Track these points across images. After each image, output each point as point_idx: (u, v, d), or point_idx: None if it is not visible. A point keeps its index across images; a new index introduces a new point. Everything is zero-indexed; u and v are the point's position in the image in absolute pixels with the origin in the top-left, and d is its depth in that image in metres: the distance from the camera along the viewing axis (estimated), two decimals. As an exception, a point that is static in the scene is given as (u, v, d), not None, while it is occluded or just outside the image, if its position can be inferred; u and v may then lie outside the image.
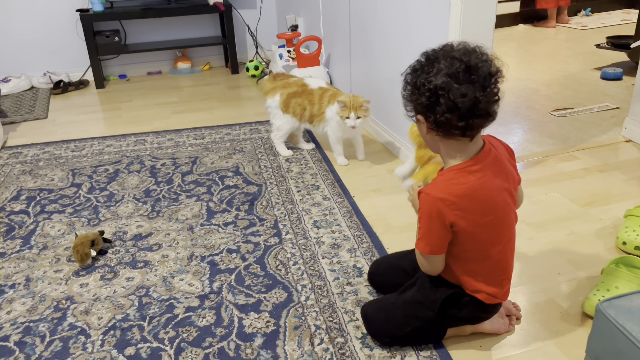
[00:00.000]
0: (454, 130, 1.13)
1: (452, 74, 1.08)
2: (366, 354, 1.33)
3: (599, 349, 0.86)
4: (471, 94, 1.08)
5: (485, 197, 1.18)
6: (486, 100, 1.10)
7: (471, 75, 1.08)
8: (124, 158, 2.56)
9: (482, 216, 1.18)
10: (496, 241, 1.23)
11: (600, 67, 3.72)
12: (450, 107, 1.09)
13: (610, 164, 2.31)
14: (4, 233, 1.95)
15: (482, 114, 1.11)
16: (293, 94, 2.40)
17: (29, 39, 3.82)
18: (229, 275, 1.66)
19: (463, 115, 1.09)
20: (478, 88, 1.08)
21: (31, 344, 1.42)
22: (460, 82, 1.08)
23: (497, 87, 1.12)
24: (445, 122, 1.11)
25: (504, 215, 1.23)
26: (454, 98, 1.08)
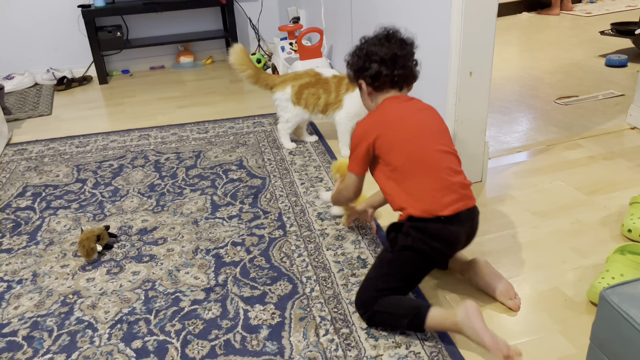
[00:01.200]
0: (385, 80, 1.49)
1: (376, 42, 1.50)
2: (371, 344, 1.34)
3: (603, 336, 0.86)
4: (390, 51, 1.47)
5: (391, 117, 1.47)
6: (403, 55, 1.48)
7: (390, 41, 1.49)
8: (128, 153, 2.57)
9: (386, 127, 1.45)
10: (400, 157, 1.42)
11: (604, 54, 3.69)
12: (377, 61, 1.47)
13: (615, 151, 2.30)
14: (10, 229, 1.97)
15: (402, 65, 1.48)
16: (306, 85, 2.39)
17: (32, 35, 3.82)
18: (234, 268, 1.67)
19: (388, 66, 1.47)
20: (395, 48, 1.48)
21: (39, 338, 1.44)
22: (382, 45, 1.48)
23: (411, 51, 1.51)
24: (376, 74, 1.48)
25: (410, 134, 1.44)
26: (379, 54, 1.47)
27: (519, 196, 1.99)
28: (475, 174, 2.09)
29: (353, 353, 1.32)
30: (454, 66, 1.89)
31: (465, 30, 1.81)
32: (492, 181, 2.11)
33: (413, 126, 1.45)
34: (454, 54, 1.87)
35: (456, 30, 1.83)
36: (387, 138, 1.43)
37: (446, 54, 1.93)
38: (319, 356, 1.31)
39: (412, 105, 1.51)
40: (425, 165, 1.41)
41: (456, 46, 1.85)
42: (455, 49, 1.86)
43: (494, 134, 2.55)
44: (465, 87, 1.91)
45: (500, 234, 1.77)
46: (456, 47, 1.85)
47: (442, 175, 1.40)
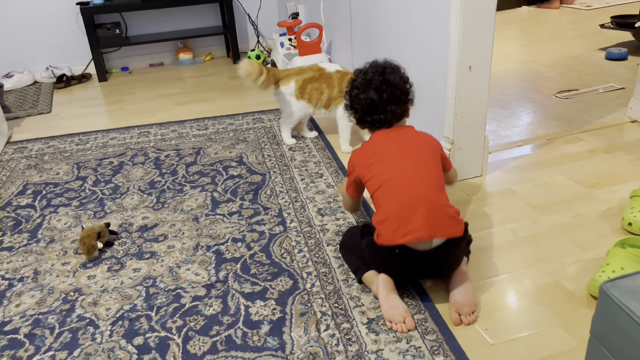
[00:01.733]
0: (366, 125, 1.60)
1: (358, 85, 1.57)
2: (372, 339, 1.34)
3: (603, 329, 0.86)
4: (369, 99, 1.53)
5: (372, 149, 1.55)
6: (383, 100, 1.52)
7: (370, 86, 1.54)
8: (128, 150, 2.57)
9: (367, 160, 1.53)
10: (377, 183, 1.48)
11: (604, 48, 3.68)
12: (357, 109, 1.58)
13: (615, 144, 2.29)
14: (11, 227, 1.97)
15: (380, 111, 1.54)
16: (309, 80, 2.39)
17: (31, 33, 3.82)
18: (235, 264, 1.67)
19: (365, 112, 1.56)
20: (375, 94, 1.52)
21: (41, 335, 1.44)
22: (363, 91, 1.54)
23: (396, 91, 1.53)
24: (359, 119, 1.60)
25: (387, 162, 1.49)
26: (360, 102, 1.55)
27: (519, 190, 1.99)
28: (475, 168, 2.09)
29: (354, 348, 1.32)
30: (453, 61, 1.88)
31: (464, 25, 1.81)
32: (492, 175, 2.11)
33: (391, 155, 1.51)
34: (454, 48, 1.87)
35: (455, 24, 1.83)
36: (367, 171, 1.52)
37: (445, 49, 1.93)
38: (320, 351, 1.32)
39: (399, 135, 1.56)
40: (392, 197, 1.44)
41: (455, 41, 1.85)
42: (454, 43, 1.86)
43: (494, 128, 2.54)
44: (464, 82, 1.90)
45: (500, 228, 1.77)
46: (455, 41, 1.85)
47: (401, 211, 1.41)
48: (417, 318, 1.40)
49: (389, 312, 1.39)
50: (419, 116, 2.25)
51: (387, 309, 1.39)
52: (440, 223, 1.39)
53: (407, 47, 2.22)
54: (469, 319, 1.38)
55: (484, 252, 1.66)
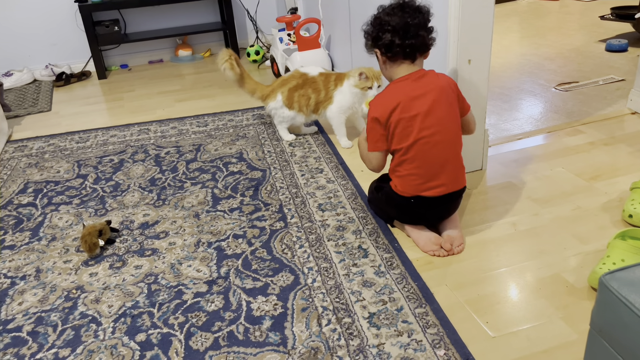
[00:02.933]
0: (398, 50, 1.56)
1: (389, 12, 1.57)
2: (373, 333, 1.35)
3: (602, 321, 0.86)
4: (402, 20, 1.55)
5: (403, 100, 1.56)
6: (415, 24, 1.55)
7: (403, 10, 1.57)
8: (128, 148, 2.57)
9: (400, 113, 1.55)
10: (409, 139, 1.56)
11: (604, 39, 3.67)
12: (390, 31, 1.55)
13: (615, 136, 2.29)
14: (12, 226, 1.98)
15: (414, 35, 1.55)
16: (294, 88, 2.39)
17: (30, 31, 3.82)
18: (236, 260, 1.68)
19: (400, 36, 1.54)
20: (408, 17, 1.55)
21: (44, 333, 1.45)
22: (395, 15, 1.56)
23: (424, 19, 1.58)
24: (389, 44, 1.56)
25: (417, 116, 1.55)
26: (392, 24, 1.55)
27: (520, 183, 1.99)
28: (475, 162, 2.09)
29: (355, 342, 1.32)
30: (452, 54, 1.88)
31: (463, 19, 1.80)
32: (493, 169, 2.11)
33: (423, 110, 1.55)
34: (452, 42, 1.86)
35: (454, 18, 1.82)
36: (397, 119, 1.56)
37: (444, 43, 1.92)
38: (321, 346, 1.32)
39: (422, 86, 1.58)
40: (425, 155, 1.57)
41: (454, 34, 1.84)
42: (453, 37, 1.85)
43: (494, 121, 2.54)
44: (464, 76, 1.90)
45: (501, 221, 1.78)
46: (454, 35, 1.84)
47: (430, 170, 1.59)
48: (418, 312, 1.40)
49: (425, 246, 1.64)
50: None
51: (422, 245, 1.65)
52: (456, 178, 1.63)
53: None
54: (459, 249, 1.64)
55: (484, 245, 1.66)
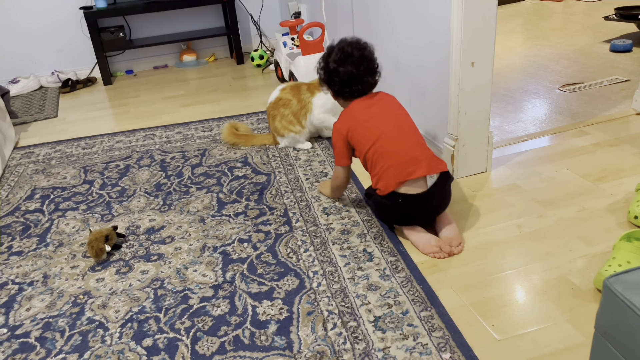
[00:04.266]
0: (347, 95, 1.79)
1: (337, 60, 1.75)
2: (379, 337, 1.35)
3: (607, 324, 0.86)
4: (349, 72, 1.74)
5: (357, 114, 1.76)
6: (360, 72, 1.74)
7: (347, 62, 1.74)
8: (134, 153, 2.59)
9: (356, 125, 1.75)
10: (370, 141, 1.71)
11: (609, 40, 3.66)
12: (338, 82, 1.77)
13: (621, 137, 2.28)
14: (20, 232, 1.99)
15: (360, 82, 1.75)
16: (273, 118, 2.44)
17: (36, 39, 3.85)
18: (241, 264, 1.68)
19: (345, 84, 1.76)
20: (353, 68, 1.73)
21: (51, 339, 1.46)
22: (342, 65, 1.74)
23: (369, 66, 1.75)
24: (339, 90, 1.79)
25: (375, 122, 1.72)
26: (340, 75, 1.75)
27: (525, 185, 1.99)
28: (479, 164, 2.09)
29: (361, 346, 1.33)
30: (455, 57, 1.88)
31: (466, 21, 1.81)
32: (497, 171, 2.11)
33: (376, 116, 1.74)
34: (455, 45, 1.86)
35: (457, 21, 1.83)
36: (354, 128, 1.75)
37: (447, 45, 1.93)
38: (327, 350, 1.32)
39: (372, 101, 1.78)
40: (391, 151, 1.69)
41: (457, 37, 1.85)
42: (456, 40, 1.85)
43: (499, 123, 2.54)
44: (467, 78, 1.90)
45: (506, 223, 1.77)
46: (457, 38, 1.85)
47: (406, 154, 1.68)
48: (423, 315, 1.40)
49: (425, 249, 1.66)
50: (423, 113, 2.25)
51: (422, 247, 1.67)
52: (431, 162, 1.70)
53: (409, 43, 2.22)
54: (459, 249, 1.66)
55: (490, 247, 1.66)
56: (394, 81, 2.45)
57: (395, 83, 2.44)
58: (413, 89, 2.28)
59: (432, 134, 2.21)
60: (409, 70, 2.27)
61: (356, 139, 1.74)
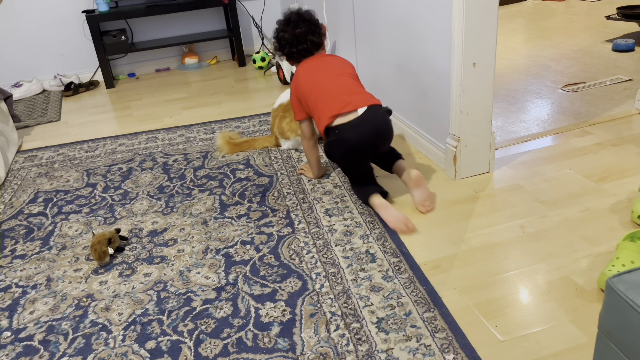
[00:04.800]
0: (295, 56, 2.05)
1: (281, 29, 2.04)
2: (382, 338, 1.35)
3: (610, 324, 0.86)
4: (291, 34, 2.01)
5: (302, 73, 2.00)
6: (302, 33, 1.99)
7: (289, 25, 2.01)
8: (136, 156, 2.60)
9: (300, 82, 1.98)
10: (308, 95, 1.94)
11: (611, 39, 3.65)
12: (285, 45, 2.03)
13: (623, 137, 2.28)
14: (23, 235, 2.00)
15: (303, 41, 2.01)
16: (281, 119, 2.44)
17: (38, 42, 3.86)
18: (244, 266, 1.68)
19: (291, 45, 2.02)
20: (295, 29, 2.00)
21: (55, 342, 1.46)
22: (285, 31, 2.02)
23: (309, 26, 2.01)
24: (289, 53, 2.05)
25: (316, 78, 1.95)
26: (285, 39, 2.02)
27: (527, 186, 1.98)
28: (482, 165, 2.08)
29: (364, 347, 1.32)
30: (457, 58, 1.88)
31: (467, 22, 1.81)
32: (500, 171, 2.10)
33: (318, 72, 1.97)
34: (457, 45, 1.86)
35: (458, 22, 1.82)
36: (299, 86, 1.97)
37: (449, 46, 1.92)
38: (330, 351, 1.32)
39: (320, 58, 2.03)
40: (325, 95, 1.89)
41: (458, 38, 1.84)
42: (457, 40, 1.85)
43: (501, 124, 2.53)
44: (469, 79, 1.90)
45: (509, 224, 1.77)
46: (458, 39, 1.85)
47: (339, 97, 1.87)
48: (426, 316, 1.40)
49: (394, 225, 1.79)
50: (425, 113, 2.25)
51: (391, 223, 1.80)
52: (362, 97, 1.88)
53: (411, 44, 2.22)
54: (432, 207, 1.89)
55: (493, 248, 1.66)
56: (396, 82, 2.45)
57: (396, 84, 2.44)
58: (415, 90, 2.28)
59: (434, 134, 2.21)
60: (411, 71, 2.27)
61: (300, 92, 1.98)
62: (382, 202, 1.86)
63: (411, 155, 2.31)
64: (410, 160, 2.27)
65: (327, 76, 1.95)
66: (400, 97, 2.45)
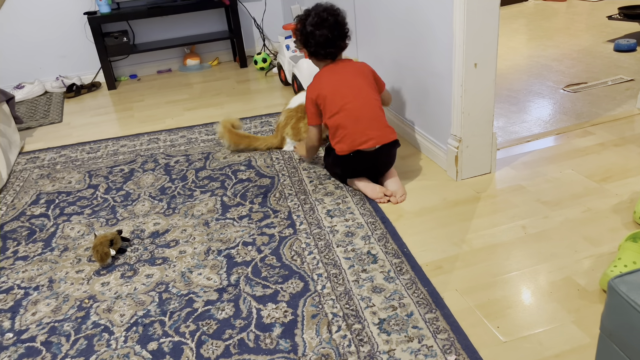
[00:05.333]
0: (320, 56, 2.03)
1: (314, 24, 1.96)
2: (384, 339, 1.34)
3: (612, 325, 0.85)
4: (324, 35, 1.96)
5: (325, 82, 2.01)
6: (335, 37, 1.97)
7: (323, 25, 1.95)
8: (138, 157, 2.60)
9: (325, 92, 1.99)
10: (334, 109, 1.97)
11: (613, 39, 3.65)
12: (314, 44, 1.99)
13: (626, 137, 2.27)
14: (25, 237, 2.00)
15: (333, 45, 1.99)
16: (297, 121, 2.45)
17: (40, 44, 3.87)
18: (246, 267, 1.68)
19: (322, 46, 1.99)
20: (329, 32, 1.95)
21: (57, 343, 1.46)
22: (318, 29, 1.95)
23: (343, 31, 2.00)
24: (314, 52, 2.02)
25: (340, 93, 1.97)
26: (316, 38, 1.97)
27: (529, 186, 1.98)
28: (483, 165, 2.08)
29: (366, 348, 1.32)
30: (458, 58, 1.88)
31: (468, 22, 1.80)
32: (502, 172, 2.10)
33: (342, 87, 1.97)
34: (458, 46, 1.86)
35: (459, 22, 1.82)
36: (324, 96, 1.98)
37: (450, 47, 1.92)
38: (332, 352, 1.32)
39: (340, 69, 2.03)
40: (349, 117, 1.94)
41: (460, 38, 1.84)
42: (459, 41, 1.85)
43: (503, 124, 2.53)
44: (470, 79, 1.90)
45: (511, 225, 1.77)
46: (460, 39, 1.84)
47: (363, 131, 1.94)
48: (428, 317, 1.40)
49: (372, 194, 1.97)
50: (426, 114, 2.25)
51: (369, 193, 1.98)
52: (385, 134, 1.96)
53: (412, 45, 2.22)
54: (402, 198, 1.97)
55: (494, 249, 1.66)
56: (397, 82, 2.45)
57: (398, 84, 2.44)
58: (416, 91, 2.28)
59: (435, 135, 2.21)
60: (412, 72, 2.27)
61: (323, 105, 2.00)
62: (361, 177, 2.03)
63: (412, 156, 2.31)
64: (411, 161, 2.27)
65: (351, 93, 1.96)
66: (401, 98, 2.45)
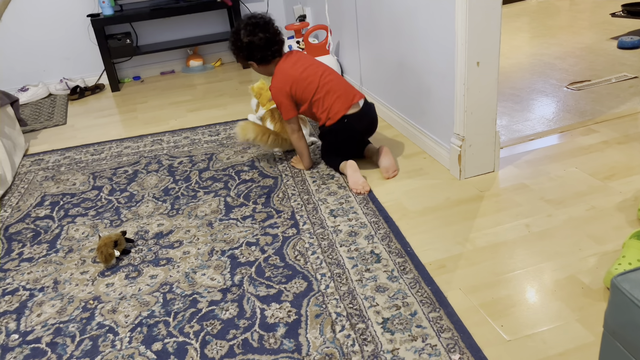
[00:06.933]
0: (269, 58, 2.13)
1: (249, 33, 2.08)
2: (387, 339, 1.34)
3: (615, 323, 0.85)
4: (263, 37, 2.07)
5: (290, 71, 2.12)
6: (271, 35, 2.09)
7: (258, 29, 2.07)
8: (142, 159, 2.61)
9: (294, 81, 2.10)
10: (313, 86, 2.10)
11: (616, 37, 3.63)
12: (257, 48, 2.09)
13: (630, 135, 2.26)
14: (30, 239, 2.01)
15: (275, 42, 2.11)
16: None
17: (44, 47, 3.89)
18: (250, 267, 1.69)
19: (265, 48, 2.09)
20: (265, 33, 2.08)
21: (62, 344, 1.47)
22: (255, 35, 2.07)
23: (274, 28, 2.11)
24: (262, 57, 2.12)
25: (309, 72, 2.11)
26: (256, 43, 2.08)
27: (533, 185, 1.98)
28: (487, 164, 2.08)
29: (369, 348, 1.32)
30: (460, 57, 1.88)
31: (470, 21, 1.80)
32: (505, 171, 2.10)
33: (307, 68, 2.11)
34: (460, 45, 1.86)
35: (461, 21, 1.82)
36: (297, 81, 2.09)
37: (452, 46, 1.92)
38: (335, 352, 1.32)
39: (295, 58, 2.15)
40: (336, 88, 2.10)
41: (462, 37, 1.84)
42: (461, 40, 1.85)
43: (506, 123, 2.53)
44: (473, 78, 1.90)
45: (514, 223, 1.77)
46: (462, 38, 1.84)
47: (347, 90, 2.11)
48: (432, 316, 1.40)
49: (352, 185, 2.05)
50: (429, 113, 2.25)
51: (353, 182, 2.05)
52: (356, 91, 2.16)
53: (413, 44, 2.22)
54: (394, 174, 2.13)
55: (498, 247, 1.66)
56: (399, 81, 2.45)
57: (400, 83, 2.44)
58: (418, 90, 2.28)
59: (438, 134, 2.21)
60: (414, 71, 2.27)
61: (300, 91, 2.09)
62: (352, 163, 2.10)
63: (415, 155, 2.31)
64: (414, 160, 2.27)
65: (322, 69, 2.12)
66: (404, 97, 2.45)
